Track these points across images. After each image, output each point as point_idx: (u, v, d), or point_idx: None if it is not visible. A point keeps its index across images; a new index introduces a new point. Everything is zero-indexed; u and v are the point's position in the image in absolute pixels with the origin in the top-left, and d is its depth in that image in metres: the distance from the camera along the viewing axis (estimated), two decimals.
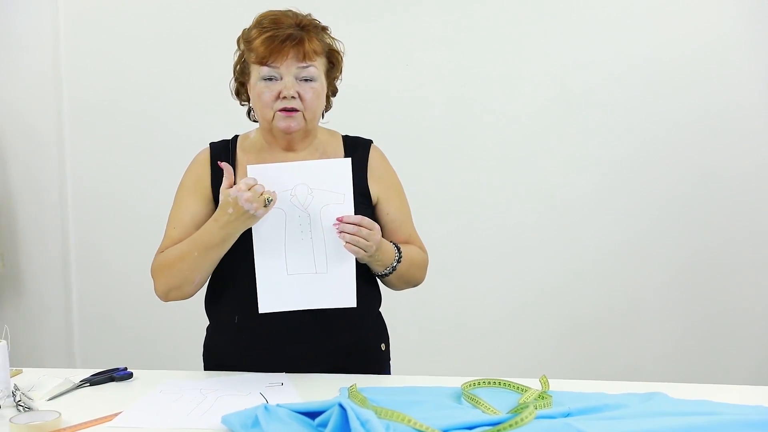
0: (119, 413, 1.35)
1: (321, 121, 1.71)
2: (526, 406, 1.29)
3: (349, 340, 1.65)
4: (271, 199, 1.47)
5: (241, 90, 1.69)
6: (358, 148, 1.71)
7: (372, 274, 1.66)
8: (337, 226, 1.50)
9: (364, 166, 1.69)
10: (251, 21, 1.63)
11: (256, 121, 1.71)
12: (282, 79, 1.56)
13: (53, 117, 3.12)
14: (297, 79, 1.57)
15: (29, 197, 3.18)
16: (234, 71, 1.68)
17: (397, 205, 1.72)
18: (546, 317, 3.02)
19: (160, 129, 3.07)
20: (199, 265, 1.55)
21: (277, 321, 1.57)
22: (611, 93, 2.93)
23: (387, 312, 1.78)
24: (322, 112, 1.70)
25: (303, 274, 1.53)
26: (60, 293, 3.19)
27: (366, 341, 1.71)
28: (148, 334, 3.11)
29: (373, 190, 1.68)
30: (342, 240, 1.49)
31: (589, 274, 3.00)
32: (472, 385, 1.43)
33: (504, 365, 2.72)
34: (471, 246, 3.03)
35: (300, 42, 1.56)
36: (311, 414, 1.23)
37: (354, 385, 1.39)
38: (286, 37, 1.55)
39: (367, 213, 1.58)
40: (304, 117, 1.59)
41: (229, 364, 1.64)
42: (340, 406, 1.15)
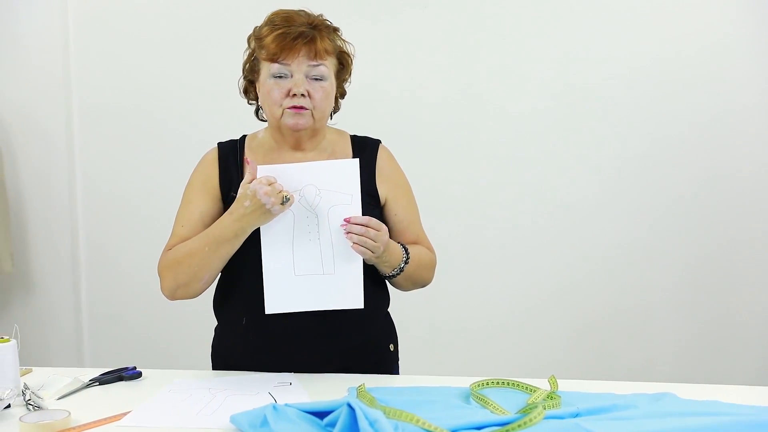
0: (128, 412, 1.36)
1: (329, 122, 1.71)
2: (534, 406, 1.29)
3: (358, 340, 1.65)
4: (289, 198, 1.48)
5: (250, 88, 1.69)
6: (366, 148, 1.70)
7: (380, 274, 1.65)
8: (345, 227, 1.50)
9: (373, 166, 1.68)
10: (261, 21, 1.62)
11: (264, 120, 1.70)
12: (292, 76, 1.56)
13: (62, 118, 3.13)
14: (307, 77, 1.56)
15: (39, 197, 3.19)
16: (243, 69, 1.67)
17: (405, 205, 1.71)
18: (554, 317, 3.02)
19: (169, 129, 3.08)
20: (208, 260, 1.54)
21: (285, 322, 1.57)
22: (620, 93, 2.93)
23: (395, 312, 1.78)
24: (330, 113, 1.69)
25: (310, 275, 1.52)
26: (69, 293, 3.20)
27: (375, 342, 1.70)
28: (157, 334, 3.12)
29: (381, 191, 1.67)
30: (349, 241, 1.49)
31: (597, 275, 2.99)
32: (480, 386, 1.43)
33: (512, 365, 2.71)
34: (479, 246, 3.03)
35: (312, 40, 1.55)
36: (320, 414, 1.23)
37: (362, 385, 1.39)
38: (297, 35, 1.54)
39: (374, 213, 1.57)
40: (312, 116, 1.58)
41: (237, 366, 1.64)
42: (349, 405, 1.15)
